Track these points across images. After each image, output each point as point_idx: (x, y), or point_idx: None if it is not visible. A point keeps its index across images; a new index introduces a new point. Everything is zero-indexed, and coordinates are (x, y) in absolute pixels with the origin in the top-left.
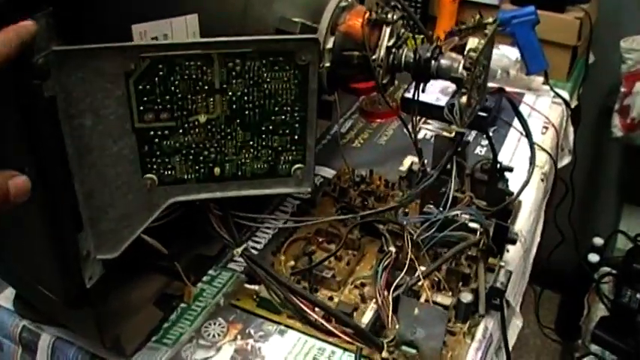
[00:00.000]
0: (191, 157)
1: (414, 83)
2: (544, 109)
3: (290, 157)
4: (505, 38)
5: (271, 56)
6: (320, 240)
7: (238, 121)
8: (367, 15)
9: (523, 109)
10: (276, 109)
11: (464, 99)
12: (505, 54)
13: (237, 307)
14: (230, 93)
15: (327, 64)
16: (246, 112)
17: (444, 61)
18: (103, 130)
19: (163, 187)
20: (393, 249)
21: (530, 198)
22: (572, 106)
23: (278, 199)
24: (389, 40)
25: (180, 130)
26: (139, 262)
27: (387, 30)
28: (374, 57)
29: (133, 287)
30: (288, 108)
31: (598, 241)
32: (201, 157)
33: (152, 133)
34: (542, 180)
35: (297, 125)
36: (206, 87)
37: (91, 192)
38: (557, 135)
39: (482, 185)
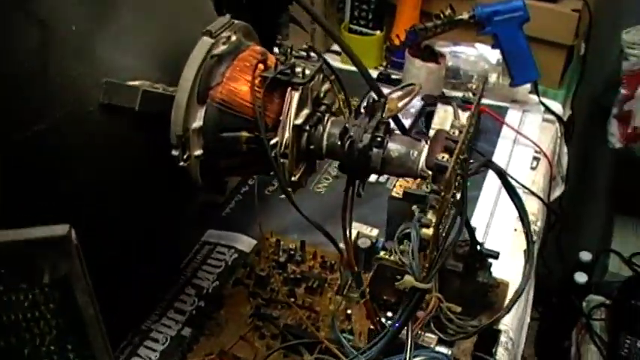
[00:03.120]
0: None
1: None
2: (533, 131)
3: None
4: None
5: None
6: None
7: None
8: (262, 70)
9: (506, 133)
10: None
11: (429, 231)
12: (483, 55)
13: None
14: None
15: (198, 152)
16: None
17: (395, 147)
18: None
19: None
20: None
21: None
22: (566, 118)
23: (176, 288)
24: (297, 115)
25: None
26: None
27: (294, 96)
28: (274, 140)
29: None
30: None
31: (585, 256)
32: None
33: None
34: (535, 242)
35: None
36: None
37: None
38: (550, 167)
39: (456, 278)
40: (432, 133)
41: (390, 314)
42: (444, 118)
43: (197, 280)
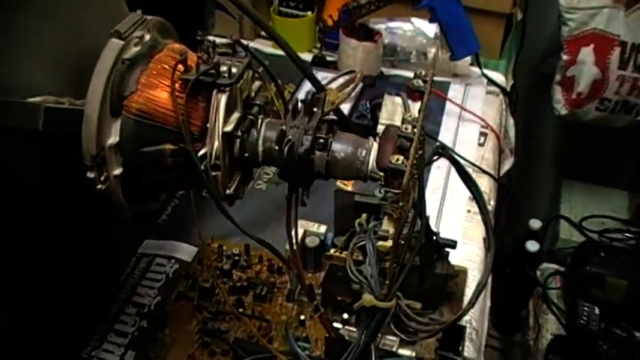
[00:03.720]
0: None
1: None
2: (477, 104)
3: None
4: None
5: None
6: None
7: None
8: (182, 72)
9: (450, 109)
10: None
11: (387, 244)
12: (421, 30)
13: None
14: None
15: (118, 172)
16: None
17: (340, 148)
18: None
19: None
20: None
21: (479, 267)
22: (509, 89)
23: (115, 308)
24: (227, 120)
25: None
26: None
27: (221, 100)
28: (203, 151)
29: None
30: None
31: (535, 223)
32: None
33: None
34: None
35: None
36: None
37: None
38: (498, 141)
39: (414, 272)
40: (380, 128)
41: (346, 316)
42: (392, 111)
43: (137, 297)
